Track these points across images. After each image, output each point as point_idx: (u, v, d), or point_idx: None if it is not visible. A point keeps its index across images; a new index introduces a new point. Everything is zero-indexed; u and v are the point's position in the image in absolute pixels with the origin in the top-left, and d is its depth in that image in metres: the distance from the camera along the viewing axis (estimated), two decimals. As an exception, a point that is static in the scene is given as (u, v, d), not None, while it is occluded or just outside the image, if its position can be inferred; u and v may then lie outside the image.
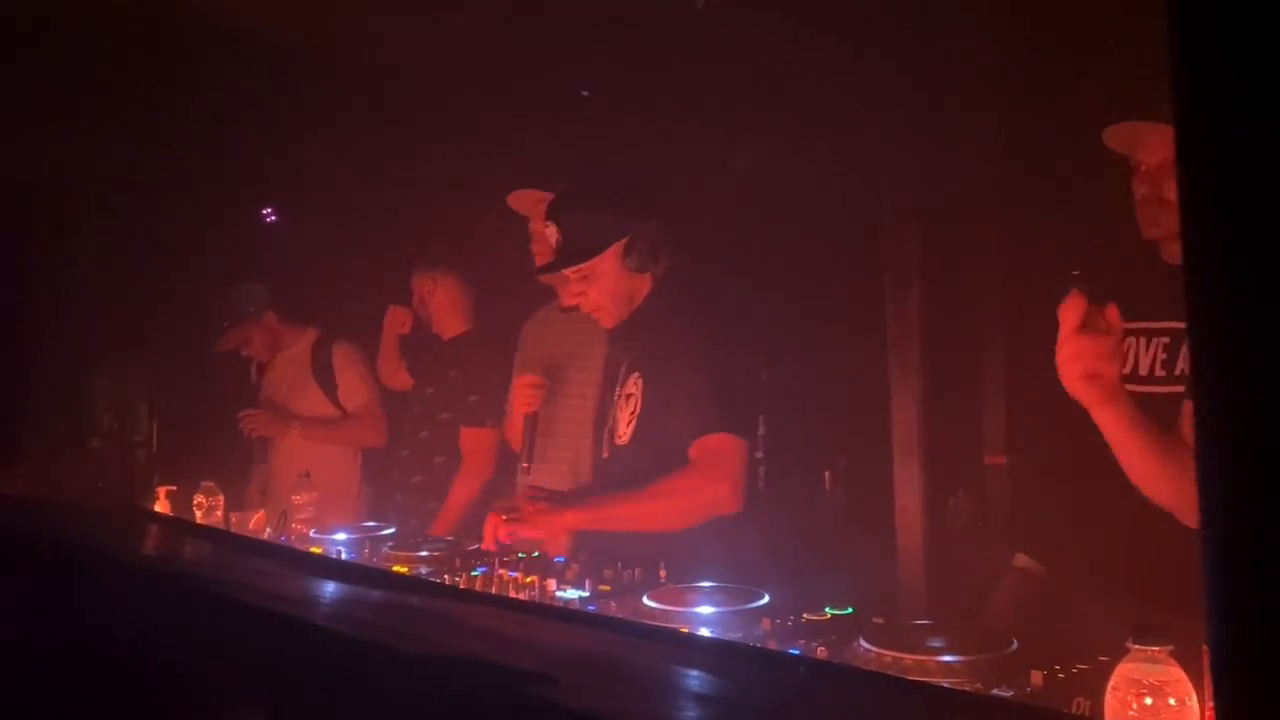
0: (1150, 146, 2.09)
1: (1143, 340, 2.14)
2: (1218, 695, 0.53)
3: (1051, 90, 2.60)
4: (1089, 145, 2.19)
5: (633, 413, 2.39)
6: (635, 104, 3.18)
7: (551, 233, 2.47)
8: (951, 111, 2.72)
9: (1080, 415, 2.17)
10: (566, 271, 2.48)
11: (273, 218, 4.31)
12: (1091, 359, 1.64)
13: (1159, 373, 2.10)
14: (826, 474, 3.17)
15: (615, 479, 2.42)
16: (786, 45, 2.82)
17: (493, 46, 3.26)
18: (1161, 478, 1.71)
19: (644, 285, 2.45)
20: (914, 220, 2.64)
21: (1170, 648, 1.18)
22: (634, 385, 2.41)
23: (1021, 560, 2.27)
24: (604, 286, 2.43)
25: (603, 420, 2.53)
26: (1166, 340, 2.10)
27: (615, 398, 2.48)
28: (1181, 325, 2.05)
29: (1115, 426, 1.72)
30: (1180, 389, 2.05)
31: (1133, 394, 2.10)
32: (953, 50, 2.64)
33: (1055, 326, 2.25)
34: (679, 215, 2.53)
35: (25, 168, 3.49)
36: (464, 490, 3.27)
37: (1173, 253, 2.12)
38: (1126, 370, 2.12)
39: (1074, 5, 2.50)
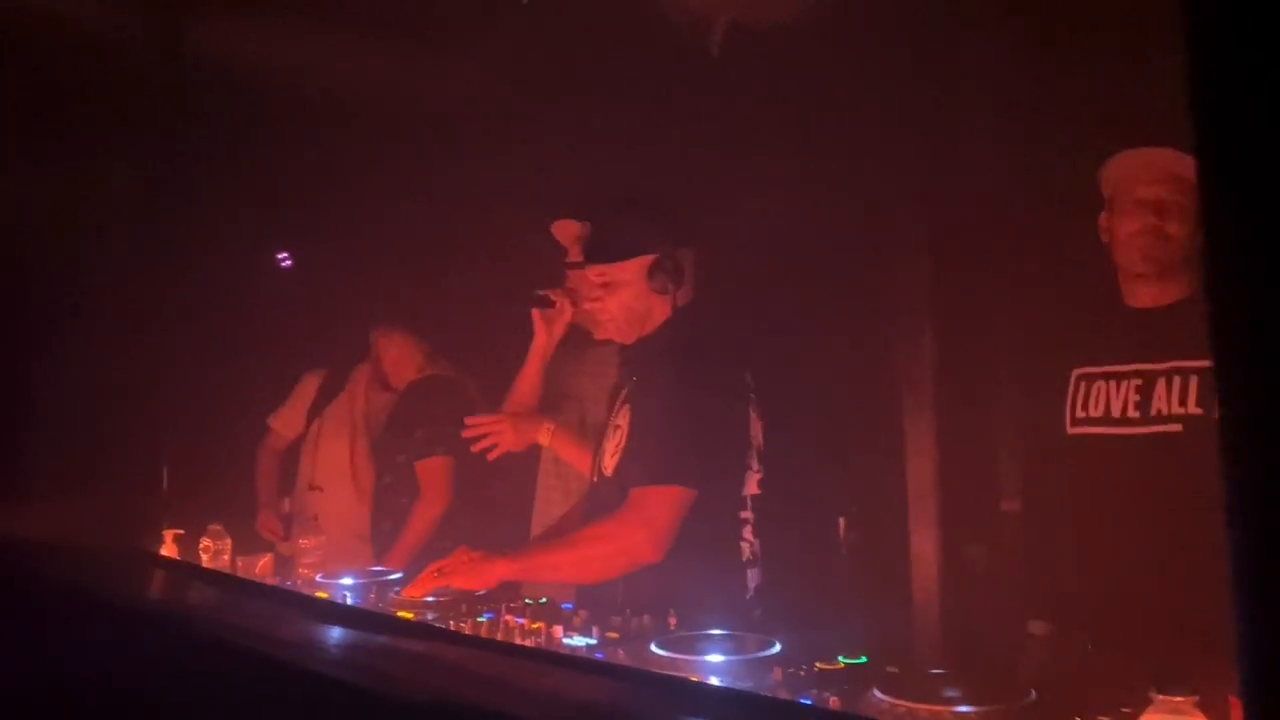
0: (1156, 178, 2.11)
1: (1112, 384, 2.16)
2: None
3: (1065, 132, 2.60)
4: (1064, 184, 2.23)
5: (618, 445, 2.38)
6: (643, 144, 3.20)
7: (585, 229, 2.52)
8: (967, 150, 2.71)
9: (1084, 465, 2.16)
10: (589, 274, 2.48)
11: (287, 262, 4.33)
12: None
13: (1133, 414, 2.12)
14: (840, 521, 3.12)
15: (597, 509, 2.40)
16: (798, 86, 2.83)
17: (505, 87, 3.31)
18: None
19: (662, 311, 2.44)
20: (926, 262, 2.62)
21: (1195, 698, 1.14)
22: (623, 418, 2.40)
23: (1035, 627, 2.24)
24: (623, 298, 2.43)
25: (597, 445, 2.53)
26: (1139, 382, 2.12)
27: (608, 425, 2.47)
28: (1152, 366, 2.11)
29: None
30: (1159, 429, 2.08)
31: (1107, 437, 2.15)
32: (969, 88, 2.64)
33: (1050, 377, 2.26)
34: (709, 249, 2.53)
35: (37, 200, 3.53)
36: (420, 520, 3.38)
37: (1143, 294, 2.17)
38: (1098, 414, 2.16)
39: (1090, 40, 2.51)
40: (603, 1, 2.91)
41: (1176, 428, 2.06)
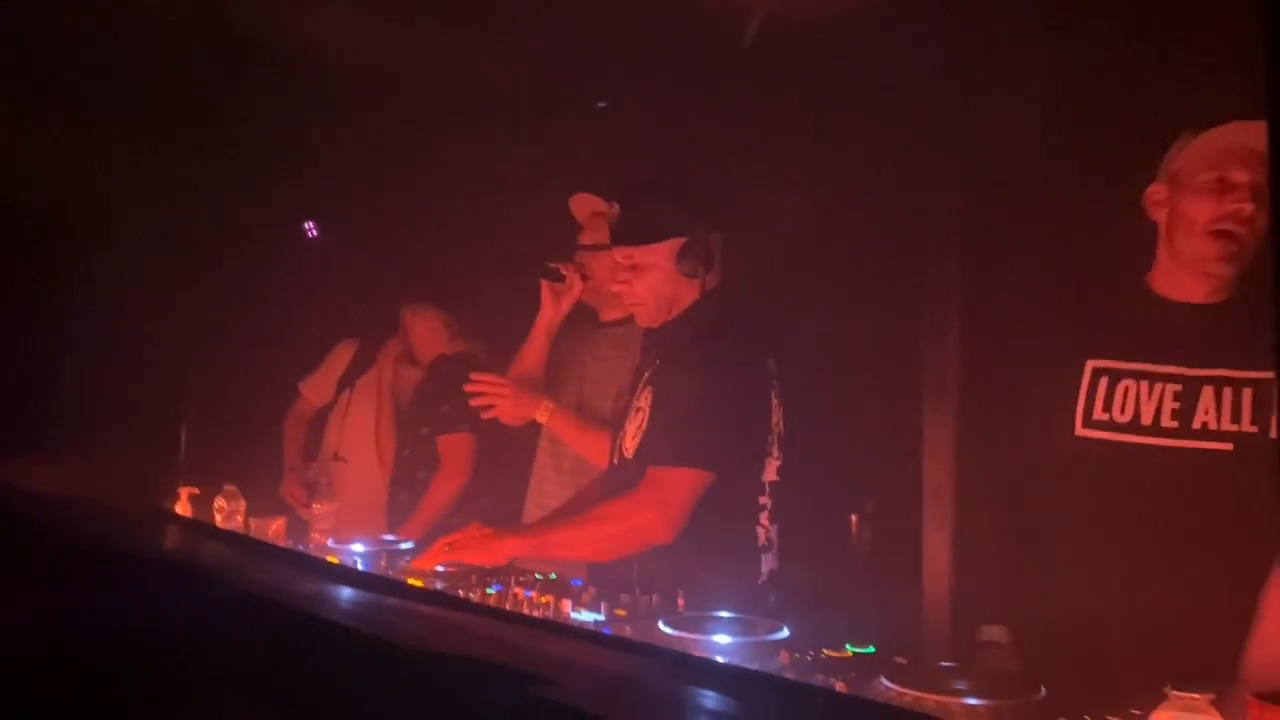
0: (1255, 158, 1.83)
1: (1143, 385, 1.90)
2: None
3: (1103, 134, 2.56)
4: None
5: (639, 427, 2.36)
6: (675, 127, 3.19)
7: (611, 209, 2.50)
8: (997, 141, 2.69)
9: (1101, 473, 2.03)
10: (616, 256, 2.46)
11: (314, 232, 4.34)
12: None
13: (1169, 423, 1.87)
14: (853, 518, 3.10)
15: (616, 491, 2.37)
16: (832, 77, 2.81)
17: (542, 70, 3.31)
18: None
19: (689, 294, 2.41)
20: (955, 256, 2.59)
21: (1212, 695, 1.12)
22: (644, 400, 2.38)
23: (988, 633, 2.05)
24: (650, 281, 2.40)
25: (618, 427, 2.50)
26: (1178, 388, 1.88)
27: (629, 408, 2.45)
28: (1195, 371, 1.84)
29: None
30: (1206, 445, 1.84)
31: (1134, 446, 1.88)
32: (1005, 84, 2.62)
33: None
34: (737, 237, 2.52)
35: (64, 165, 3.55)
36: (438, 494, 3.39)
37: (1194, 288, 1.91)
38: (1125, 418, 1.90)
39: (1121, 24, 2.47)
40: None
41: (1227, 446, 1.83)
